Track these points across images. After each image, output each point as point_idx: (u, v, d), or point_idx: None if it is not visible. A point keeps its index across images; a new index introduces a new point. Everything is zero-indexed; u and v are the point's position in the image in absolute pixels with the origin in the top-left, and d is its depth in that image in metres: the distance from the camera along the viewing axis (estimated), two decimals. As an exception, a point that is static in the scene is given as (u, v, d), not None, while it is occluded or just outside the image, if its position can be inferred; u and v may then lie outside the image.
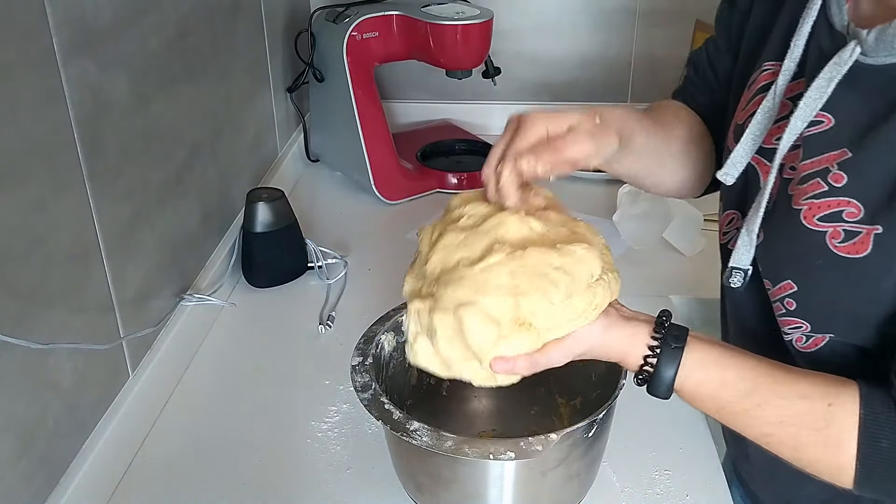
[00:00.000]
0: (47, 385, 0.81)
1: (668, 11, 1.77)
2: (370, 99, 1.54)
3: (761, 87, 0.77)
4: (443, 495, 0.83)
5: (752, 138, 0.75)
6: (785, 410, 0.66)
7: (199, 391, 1.08)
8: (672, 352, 0.69)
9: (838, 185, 0.66)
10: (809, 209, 0.68)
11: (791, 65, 0.73)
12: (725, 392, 0.69)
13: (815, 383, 0.67)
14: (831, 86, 0.67)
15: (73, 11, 0.84)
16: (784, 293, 0.72)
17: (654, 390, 0.71)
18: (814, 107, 0.68)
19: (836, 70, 0.66)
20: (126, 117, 0.97)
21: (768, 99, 0.74)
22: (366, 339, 0.89)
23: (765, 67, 0.78)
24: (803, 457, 0.67)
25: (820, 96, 0.67)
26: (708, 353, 0.70)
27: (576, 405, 0.95)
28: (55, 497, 0.82)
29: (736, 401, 0.68)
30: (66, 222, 0.84)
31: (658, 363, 0.70)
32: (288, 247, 1.29)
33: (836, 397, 0.65)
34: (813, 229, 0.68)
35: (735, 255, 0.74)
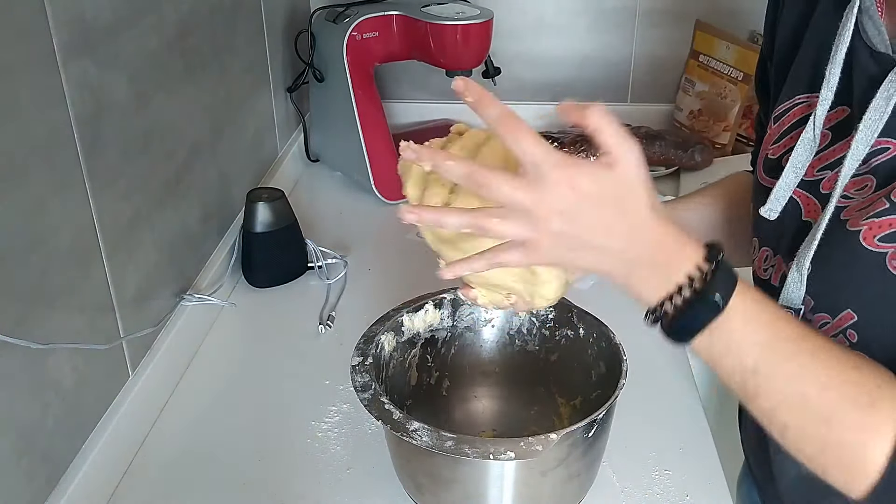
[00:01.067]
0: (47, 385, 0.81)
1: (668, 11, 1.77)
2: (370, 99, 1.54)
3: (797, 121, 0.75)
4: (443, 495, 0.83)
5: (793, 172, 0.72)
6: (834, 372, 0.59)
7: (199, 391, 1.08)
8: (730, 268, 0.60)
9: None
10: (870, 229, 0.64)
11: (829, 94, 0.70)
12: (781, 326, 0.61)
13: (867, 359, 0.61)
14: (890, 104, 0.64)
15: (73, 11, 0.84)
16: (845, 324, 0.67)
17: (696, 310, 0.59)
18: (874, 128, 0.65)
19: (893, 87, 0.64)
20: (126, 117, 0.97)
21: (808, 131, 0.71)
22: (366, 339, 0.89)
23: (798, 101, 0.76)
24: (831, 436, 0.59)
25: (880, 116, 0.64)
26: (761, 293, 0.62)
27: (576, 405, 0.95)
28: (55, 497, 0.82)
29: (790, 339, 0.60)
30: (66, 222, 0.84)
31: (716, 271, 0.59)
32: (288, 247, 1.29)
33: (888, 381, 0.60)
34: (873, 251, 0.64)
35: (784, 294, 0.70)
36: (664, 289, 0.60)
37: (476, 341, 0.99)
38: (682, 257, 0.60)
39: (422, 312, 0.95)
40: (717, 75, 1.70)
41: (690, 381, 1.08)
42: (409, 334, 0.95)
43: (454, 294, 0.97)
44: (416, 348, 0.96)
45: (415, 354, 0.96)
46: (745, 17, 1.74)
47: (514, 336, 0.99)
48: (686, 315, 0.60)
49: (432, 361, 0.98)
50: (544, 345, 0.98)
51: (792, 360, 0.60)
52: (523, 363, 0.99)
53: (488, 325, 0.99)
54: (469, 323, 0.98)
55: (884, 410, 0.58)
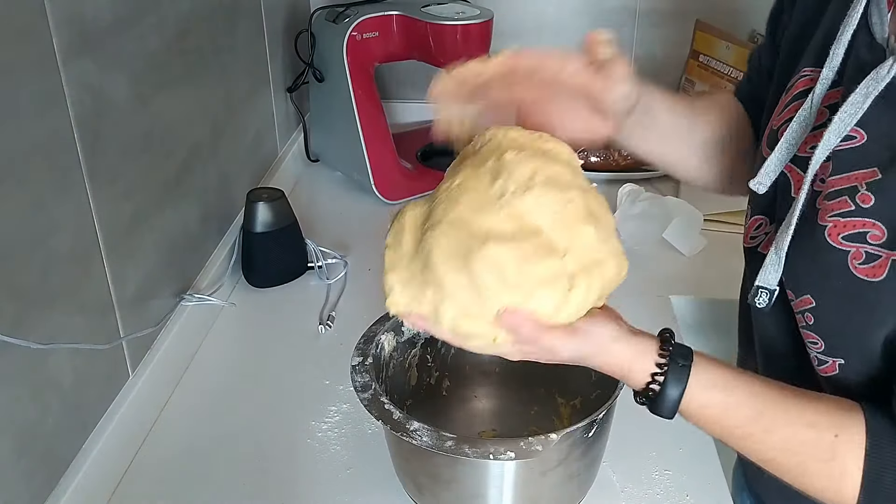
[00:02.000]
0: (47, 385, 0.81)
1: (668, 11, 1.77)
2: (370, 99, 1.54)
3: (798, 94, 0.75)
4: (443, 495, 0.83)
5: (786, 146, 0.73)
6: (791, 438, 0.66)
7: (199, 391, 1.08)
8: (679, 370, 0.68)
9: (865, 205, 0.65)
10: (835, 227, 0.66)
11: (829, 73, 0.71)
12: (731, 416, 0.68)
13: (821, 411, 0.66)
14: (867, 101, 0.65)
15: (73, 11, 0.84)
16: (805, 307, 0.71)
17: (657, 409, 0.69)
18: (848, 122, 0.66)
19: (874, 86, 0.65)
20: (126, 117, 0.97)
21: (805, 108, 0.72)
22: (366, 339, 0.89)
23: (803, 73, 0.76)
24: (808, 483, 0.67)
25: (855, 112, 0.66)
26: (714, 375, 0.69)
27: (576, 405, 0.95)
28: (55, 497, 0.82)
29: (741, 425, 0.68)
30: (66, 222, 0.84)
31: (665, 382, 0.68)
32: (288, 247, 1.29)
33: (842, 429, 0.65)
34: (837, 247, 0.66)
35: (762, 275, 0.72)
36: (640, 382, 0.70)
37: (476, 341, 0.99)
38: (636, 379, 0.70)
39: (422, 312, 0.95)
40: (717, 75, 1.70)
41: (690, 381, 1.08)
42: (409, 334, 0.95)
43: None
44: (416, 348, 0.96)
45: (415, 354, 0.96)
46: (745, 17, 1.74)
47: (514, 336, 0.99)
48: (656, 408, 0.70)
49: (432, 361, 0.98)
50: (544, 345, 0.97)
51: (750, 438, 0.68)
52: (523, 363, 0.98)
53: (488, 325, 0.98)
54: (469, 323, 0.98)
55: (844, 458, 0.64)
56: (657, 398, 0.69)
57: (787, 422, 0.66)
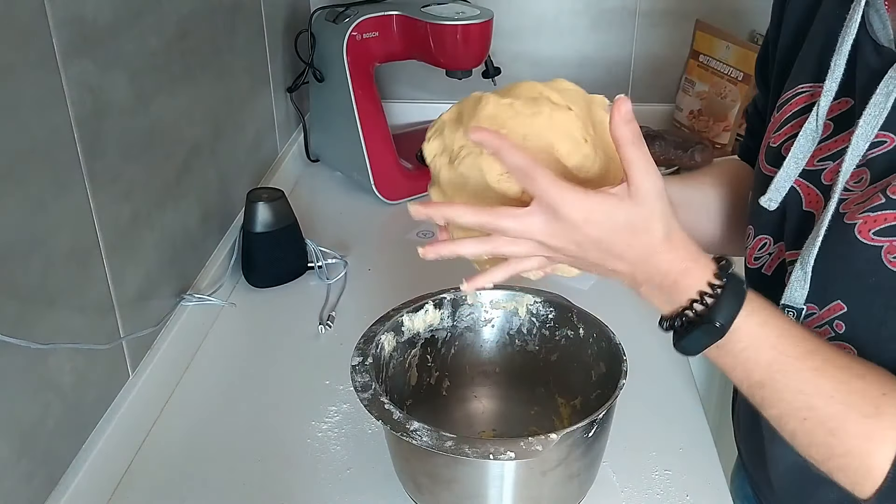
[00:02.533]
0: (47, 385, 0.81)
1: (668, 11, 1.77)
2: (370, 99, 1.54)
3: (798, 111, 0.75)
4: (443, 495, 0.83)
5: (794, 161, 0.72)
6: (839, 384, 0.61)
7: (199, 391, 1.08)
8: (739, 286, 0.62)
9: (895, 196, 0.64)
10: (865, 223, 0.65)
11: (833, 85, 0.70)
12: (786, 343, 0.63)
13: (873, 367, 0.63)
14: (890, 100, 0.64)
15: (73, 11, 0.84)
16: (833, 315, 0.68)
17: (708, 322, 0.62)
18: (873, 124, 0.66)
19: (893, 84, 0.64)
20: (126, 117, 0.97)
21: (811, 121, 0.71)
22: (366, 339, 0.89)
23: (800, 90, 0.76)
24: (837, 444, 0.61)
25: (879, 113, 0.65)
26: (771, 305, 0.64)
27: (576, 405, 0.95)
28: (55, 497, 0.82)
29: (794, 357, 0.62)
30: (66, 222, 0.84)
31: (723, 292, 0.62)
32: (288, 247, 1.29)
33: (893, 388, 0.61)
34: (868, 244, 0.65)
35: (788, 293, 0.70)
36: (670, 308, 0.64)
37: (476, 341, 0.99)
38: (689, 282, 0.63)
39: (422, 312, 0.95)
40: (717, 75, 1.70)
41: (690, 381, 1.08)
42: (409, 334, 0.95)
43: (454, 294, 0.97)
44: (416, 348, 0.96)
45: (415, 354, 0.96)
46: (745, 17, 1.74)
47: (514, 336, 0.99)
48: (691, 335, 0.63)
49: (432, 361, 0.98)
50: (544, 345, 0.98)
51: (797, 375, 0.62)
52: (523, 363, 0.99)
53: (488, 325, 0.99)
54: (469, 323, 0.98)
55: (887, 418, 0.60)
56: (714, 306, 0.61)
57: (838, 366, 0.62)
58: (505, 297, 0.97)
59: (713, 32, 1.71)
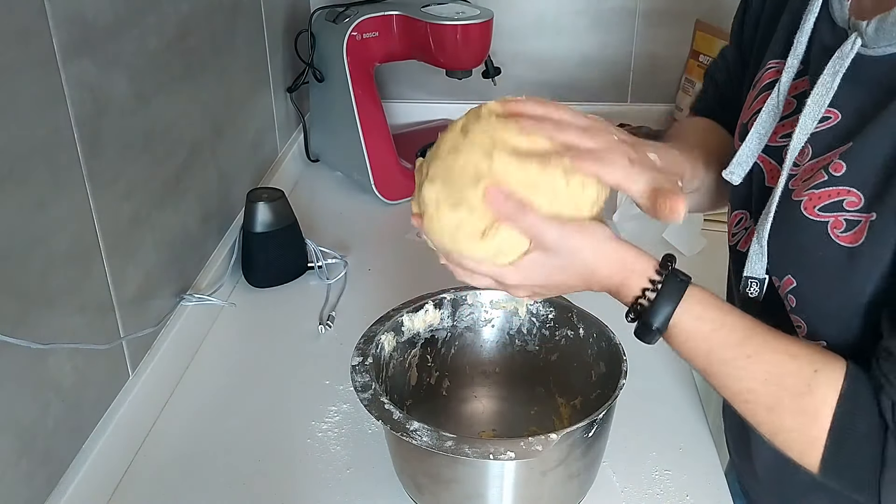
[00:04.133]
0: (47, 385, 0.81)
1: (668, 11, 1.77)
2: (370, 99, 1.54)
3: (765, 86, 0.77)
4: (443, 495, 0.83)
5: (757, 137, 0.74)
6: (772, 367, 0.66)
7: (199, 391, 1.08)
8: (677, 284, 0.68)
9: (837, 174, 0.66)
10: (810, 200, 0.67)
11: (794, 62, 0.72)
12: (721, 335, 0.67)
13: (806, 346, 0.67)
14: (836, 80, 0.66)
15: (73, 11, 0.84)
16: (787, 289, 0.71)
17: (646, 324, 0.68)
18: (821, 103, 0.67)
19: (840, 64, 0.66)
20: (126, 117, 0.97)
21: (772, 97, 0.73)
22: (366, 339, 0.89)
23: (769, 66, 0.78)
24: (778, 421, 0.66)
25: (826, 92, 0.67)
26: (709, 297, 0.69)
27: (576, 405, 0.95)
28: (55, 497, 0.82)
29: (729, 346, 0.67)
30: (66, 222, 0.84)
31: (660, 292, 0.67)
32: (288, 247, 1.29)
33: (824, 365, 0.64)
34: (814, 220, 0.67)
35: (748, 265, 0.73)
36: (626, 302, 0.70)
37: (476, 341, 0.99)
38: (630, 287, 0.69)
39: (422, 312, 0.95)
40: (717, 75, 1.70)
41: (690, 381, 1.08)
42: (409, 334, 0.95)
43: (454, 294, 0.97)
44: (416, 348, 0.96)
45: (415, 354, 0.96)
46: None
47: (514, 336, 0.99)
48: (638, 329, 0.69)
49: (432, 361, 0.98)
50: (544, 345, 0.98)
51: (733, 363, 0.67)
52: (523, 363, 0.99)
53: (488, 325, 0.99)
54: (469, 323, 0.98)
55: (819, 394, 0.64)
56: (650, 310, 0.67)
57: (772, 349, 0.66)
58: (505, 297, 0.97)
59: (713, 32, 1.71)
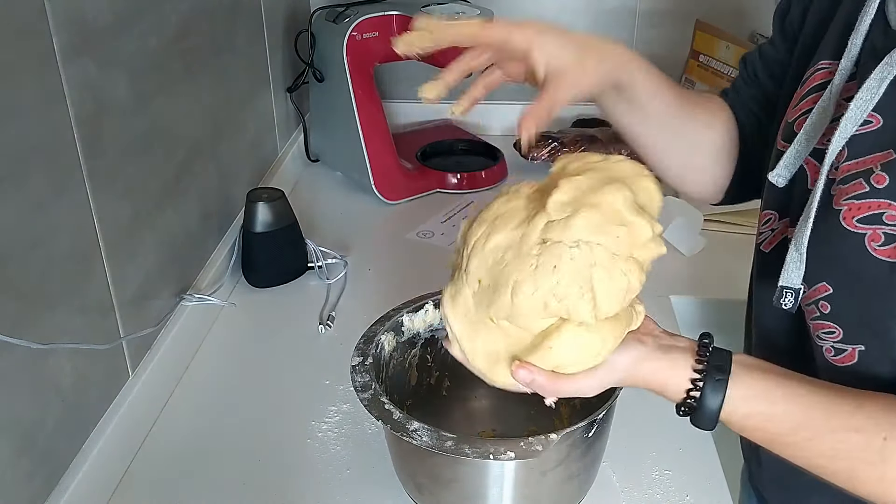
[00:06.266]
0: (47, 385, 0.81)
1: (668, 11, 1.77)
2: (370, 99, 1.54)
3: (816, 87, 0.75)
4: (443, 495, 0.83)
5: (805, 138, 0.72)
6: (838, 444, 0.64)
7: (199, 391, 1.08)
8: (716, 384, 0.66)
9: (880, 186, 0.64)
10: (849, 210, 0.66)
11: (848, 64, 0.70)
12: (774, 426, 0.66)
13: (868, 414, 0.64)
14: (882, 86, 0.65)
15: (73, 11, 0.84)
16: (819, 295, 0.70)
17: (699, 422, 0.68)
18: (865, 108, 0.66)
19: (888, 70, 0.64)
20: (126, 117, 0.97)
21: (824, 99, 0.71)
22: (366, 339, 0.89)
23: (820, 66, 0.75)
24: (860, 488, 0.65)
25: (871, 97, 0.65)
26: (754, 384, 0.67)
27: (576, 405, 0.95)
28: (55, 497, 0.82)
29: (785, 433, 0.66)
30: (66, 222, 0.84)
31: (702, 396, 0.66)
32: (288, 247, 1.29)
33: (892, 430, 0.62)
34: (852, 231, 0.66)
35: (784, 274, 0.70)
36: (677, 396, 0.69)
37: (476, 341, 0.99)
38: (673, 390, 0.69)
39: (422, 312, 0.95)
40: (717, 75, 1.70)
41: (690, 381, 1.08)
42: (409, 334, 0.95)
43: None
44: (416, 348, 0.96)
45: (415, 354, 0.96)
46: (745, 17, 1.74)
47: (514, 336, 0.99)
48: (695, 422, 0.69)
49: (432, 361, 0.98)
50: (544, 345, 0.97)
51: (794, 447, 0.66)
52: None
53: (488, 325, 0.98)
54: (469, 323, 0.98)
55: (893, 462, 0.62)
56: (697, 412, 0.67)
57: (832, 429, 0.64)
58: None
59: (713, 32, 1.71)
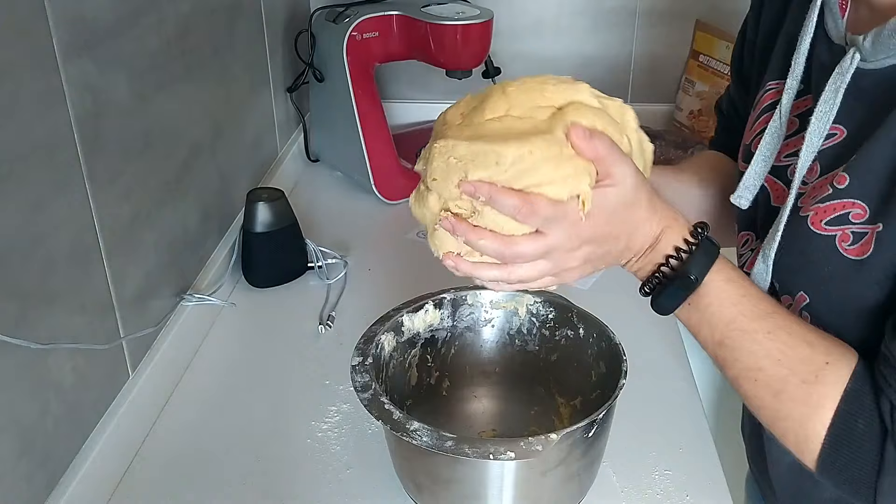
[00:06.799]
0: (47, 385, 0.81)
1: (668, 11, 1.77)
2: (370, 99, 1.54)
3: (766, 107, 0.77)
4: (443, 495, 0.83)
5: (762, 159, 0.74)
6: (787, 349, 0.65)
7: (199, 391, 1.08)
8: (711, 246, 0.67)
9: (841, 186, 0.66)
10: (816, 214, 0.67)
11: (794, 82, 0.72)
12: (748, 302, 0.67)
13: (824, 337, 0.66)
14: (838, 96, 0.67)
15: (73, 11, 0.84)
16: (800, 306, 0.71)
17: (682, 276, 0.67)
18: (825, 120, 0.68)
19: (840, 80, 0.66)
20: (126, 117, 0.97)
21: (775, 119, 0.73)
22: (366, 339, 0.89)
23: (768, 87, 0.78)
24: (780, 407, 0.65)
25: (829, 109, 0.67)
26: (736, 268, 0.68)
27: (576, 405, 0.95)
28: (55, 497, 0.82)
29: (752, 318, 0.66)
30: (66, 222, 0.84)
31: (698, 248, 0.67)
32: (288, 247, 1.29)
33: (837, 359, 0.64)
34: (821, 234, 0.67)
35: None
36: (651, 266, 0.69)
37: (476, 341, 0.99)
38: (668, 239, 0.68)
39: (422, 312, 0.95)
40: (717, 75, 1.70)
41: (690, 381, 1.08)
42: (409, 334, 0.95)
43: (454, 294, 0.97)
44: (416, 348, 0.96)
45: (415, 354, 0.96)
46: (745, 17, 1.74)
47: (514, 336, 0.99)
48: (667, 290, 0.68)
49: (432, 361, 0.98)
50: (544, 345, 0.98)
51: (751, 336, 0.66)
52: (523, 363, 0.99)
53: (488, 325, 0.99)
54: (469, 323, 0.98)
55: (823, 386, 0.63)
56: (687, 263, 0.66)
57: (790, 332, 0.66)
58: (505, 297, 0.97)
59: (713, 32, 1.71)
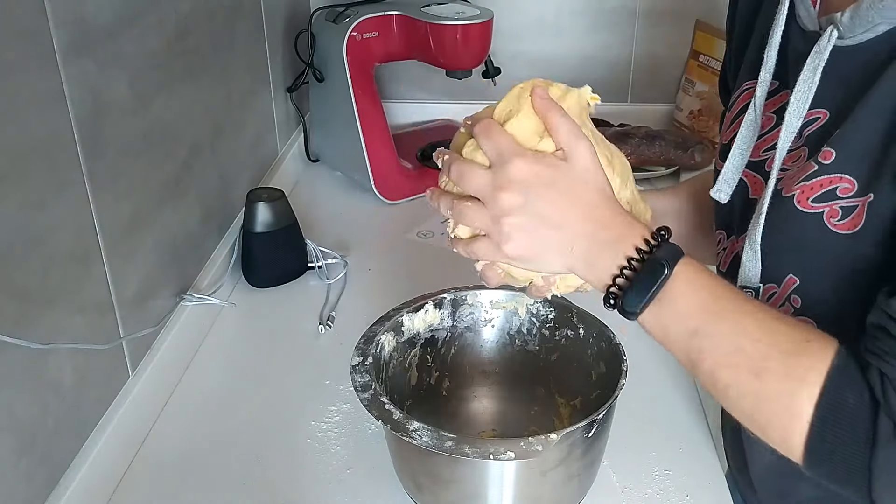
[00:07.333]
0: (47, 385, 0.81)
1: (668, 11, 1.77)
2: (370, 99, 1.54)
3: (743, 108, 0.77)
4: (443, 495, 0.83)
5: (739, 153, 0.75)
6: (766, 325, 0.62)
7: (199, 391, 1.08)
8: (671, 247, 0.64)
9: (827, 161, 0.65)
10: (802, 192, 0.67)
11: (767, 76, 0.72)
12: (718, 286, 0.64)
13: (800, 321, 0.65)
14: (816, 75, 0.66)
15: (73, 11, 0.84)
16: (789, 290, 0.70)
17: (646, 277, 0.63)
18: (804, 99, 0.67)
19: (818, 58, 0.66)
20: (126, 117, 0.97)
21: (749, 112, 0.74)
22: (366, 339, 0.89)
23: (743, 88, 0.78)
24: (762, 388, 0.60)
25: (808, 88, 0.67)
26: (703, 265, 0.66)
27: (576, 405, 0.95)
28: (55, 497, 0.82)
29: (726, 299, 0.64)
30: (66, 222, 0.84)
31: (660, 246, 0.64)
32: (288, 247, 1.29)
33: (817, 338, 0.60)
34: (808, 212, 0.66)
35: (742, 274, 0.71)
36: (616, 263, 0.65)
37: (476, 341, 0.99)
38: (632, 232, 0.65)
39: (422, 312, 0.95)
40: (717, 75, 1.69)
41: (690, 381, 1.08)
42: (409, 334, 0.95)
43: (454, 294, 0.97)
44: (416, 348, 0.96)
45: (415, 354, 0.96)
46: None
47: (514, 336, 0.99)
48: (636, 285, 0.64)
49: (432, 361, 0.98)
50: (544, 345, 0.98)
51: (728, 317, 0.63)
52: (523, 363, 0.99)
53: (488, 325, 0.99)
54: (469, 323, 0.98)
55: (811, 357, 0.59)
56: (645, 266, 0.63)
57: (768, 312, 0.63)
58: (505, 297, 0.97)
59: (713, 32, 1.71)
